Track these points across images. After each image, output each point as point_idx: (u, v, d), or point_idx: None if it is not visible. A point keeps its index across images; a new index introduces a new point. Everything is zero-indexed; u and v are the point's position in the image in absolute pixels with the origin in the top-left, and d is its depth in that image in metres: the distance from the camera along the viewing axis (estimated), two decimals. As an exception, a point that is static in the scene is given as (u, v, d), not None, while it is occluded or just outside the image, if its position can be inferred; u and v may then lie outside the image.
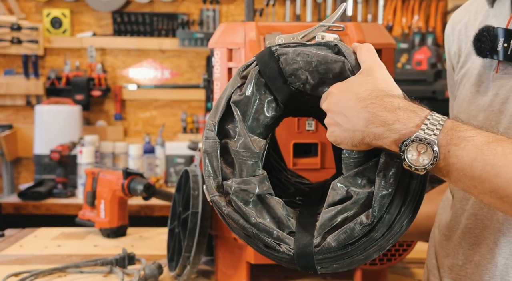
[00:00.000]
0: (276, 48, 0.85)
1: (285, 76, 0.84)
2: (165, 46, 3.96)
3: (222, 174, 0.84)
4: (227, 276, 1.37)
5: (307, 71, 0.83)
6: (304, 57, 0.83)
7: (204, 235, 1.28)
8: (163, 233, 1.56)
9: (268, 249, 0.82)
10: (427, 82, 3.20)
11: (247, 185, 0.82)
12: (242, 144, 0.83)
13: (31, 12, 3.99)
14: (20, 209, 2.94)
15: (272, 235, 0.81)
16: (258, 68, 0.85)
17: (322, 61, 0.82)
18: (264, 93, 0.85)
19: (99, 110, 3.99)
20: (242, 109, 0.84)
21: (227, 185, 0.83)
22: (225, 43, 1.30)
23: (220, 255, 1.37)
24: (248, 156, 0.83)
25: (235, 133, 0.84)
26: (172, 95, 4.02)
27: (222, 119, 0.85)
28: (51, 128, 3.36)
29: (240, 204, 0.82)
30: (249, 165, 0.83)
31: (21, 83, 3.84)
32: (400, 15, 4.06)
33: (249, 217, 0.81)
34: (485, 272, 0.92)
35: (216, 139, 0.84)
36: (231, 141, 0.84)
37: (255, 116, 0.85)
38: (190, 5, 4.02)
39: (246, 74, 0.86)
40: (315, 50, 0.83)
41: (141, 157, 3.24)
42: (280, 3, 4.02)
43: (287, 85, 0.85)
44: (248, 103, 0.85)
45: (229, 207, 0.83)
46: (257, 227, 0.81)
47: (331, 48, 0.83)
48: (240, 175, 0.83)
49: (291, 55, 0.84)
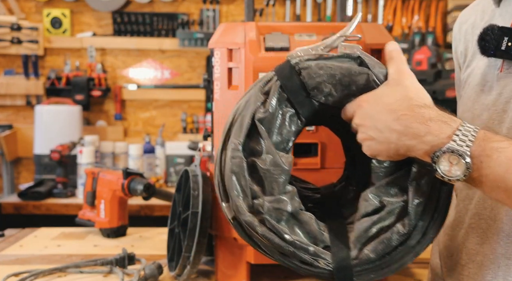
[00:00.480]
0: (296, 61, 0.85)
1: (308, 90, 0.83)
2: (165, 46, 3.96)
3: (251, 192, 0.82)
4: (227, 276, 1.37)
5: (331, 84, 0.82)
6: (327, 70, 0.82)
7: (204, 235, 1.28)
8: (163, 233, 1.56)
9: (305, 265, 0.81)
10: (427, 82, 3.20)
11: (279, 203, 0.82)
12: (271, 162, 0.82)
13: (31, 12, 3.99)
14: (20, 209, 2.94)
15: (309, 251, 0.81)
16: (279, 83, 0.84)
17: (346, 74, 0.81)
18: (286, 107, 0.85)
19: (99, 110, 3.99)
20: (266, 126, 0.84)
21: (258, 204, 0.82)
22: (225, 43, 1.30)
23: (220, 255, 1.37)
24: (279, 173, 0.82)
25: (261, 150, 0.83)
26: (172, 95, 4.02)
27: (247, 137, 0.84)
28: (51, 128, 3.36)
29: (273, 223, 0.81)
30: (280, 182, 0.82)
31: (21, 83, 3.84)
32: (400, 15, 4.06)
33: (284, 235, 0.80)
34: (487, 272, 0.92)
35: (243, 158, 0.83)
36: (259, 159, 0.83)
37: (279, 131, 0.85)
38: (190, 5, 4.02)
39: (267, 90, 0.85)
40: (338, 63, 0.83)
41: (141, 157, 3.24)
42: (280, 3, 4.02)
43: (309, 99, 0.84)
44: (272, 119, 0.84)
45: (263, 227, 0.81)
46: (293, 245, 0.80)
47: (354, 60, 0.84)
48: (271, 193, 0.82)
49: (314, 69, 0.83)
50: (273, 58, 1.24)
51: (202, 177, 1.32)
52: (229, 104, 1.31)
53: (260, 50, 1.27)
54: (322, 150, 1.29)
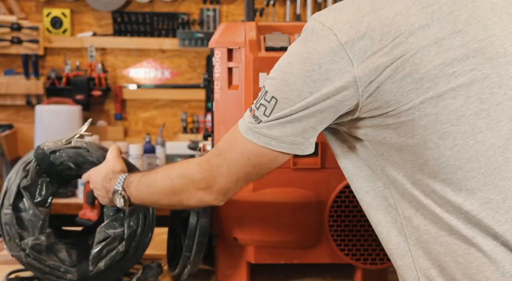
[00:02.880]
0: (48, 148, 1.33)
1: (56, 166, 1.33)
2: (165, 46, 3.96)
3: (19, 235, 1.28)
4: (227, 275, 1.37)
5: (70, 162, 1.33)
6: (67, 154, 1.33)
7: (204, 234, 1.28)
8: (163, 233, 1.56)
9: (60, 278, 1.30)
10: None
11: (39, 240, 1.28)
12: (32, 214, 1.30)
13: (31, 12, 3.99)
14: (20, 209, 2.93)
15: (60, 270, 1.30)
16: (36, 163, 1.32)
17: (79, 156, 1.33)
18: (44, 177, 1.33)
19: (99, 110, 3.99)
20: (29, 191, 1.31)
21: (24, 243, 1.28)
22: (225, 43, 1.30)
23: (220, 255, 1.37)
24: (37, 221, 1.29)
25: (25, 207, 1.30)
26: (172, 95, 4.02)
27: (15, 200, 1.29)
28: (51, 128, 3.36)
29: (36, 255, 1.28)
30: (38, 227, 1.29)
31: (21, 83, 3.84)
32: (400, 15, 4.06)
33: (43, 261, 1.29)
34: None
35: (12, 214, 1.29)
36: (24, 213, 1.30)
37: (40, 194, 1.32)
38: (190, 5, 4.02)
39: (28, 168, 1.32)
40: (74, 150, 1.33)
41: (142, 157, 3.24)
42: (280, 3, 4.02)
43: (58, 172, 1.33)
44: (33, 186, 1.32)
45: (28, 258, 1.28)
46: (50, 267, 1.29)
47: (83, 148, 1.34)
48: (33, 234, 1.29)
49: (58, 154, 1.33)
50: (273, 57, 1.24)
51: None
52: (229, 104, 1.31)
53: (260, 50, 1.27)
54: (322, 150, 1.29)
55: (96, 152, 1.32)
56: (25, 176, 1.31)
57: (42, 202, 1.32)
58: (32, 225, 1.29)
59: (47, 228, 1.30)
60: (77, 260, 1.31)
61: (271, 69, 0.93)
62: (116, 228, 1.30)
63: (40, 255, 1.28)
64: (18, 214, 1.29)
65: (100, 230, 1.30)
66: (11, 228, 1.28)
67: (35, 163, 1.32)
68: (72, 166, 1.33)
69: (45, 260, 1.28)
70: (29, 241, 1.27)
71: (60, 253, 1.31)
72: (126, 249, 1.30)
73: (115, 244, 1.29)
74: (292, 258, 1.35)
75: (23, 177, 1.31)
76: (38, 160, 1.32)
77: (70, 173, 1.35)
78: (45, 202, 1.33)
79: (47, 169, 1.32)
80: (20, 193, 1.30)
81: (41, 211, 1.30)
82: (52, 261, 1.29)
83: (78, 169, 1.33)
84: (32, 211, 1.29)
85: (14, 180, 1.32)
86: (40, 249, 1.28)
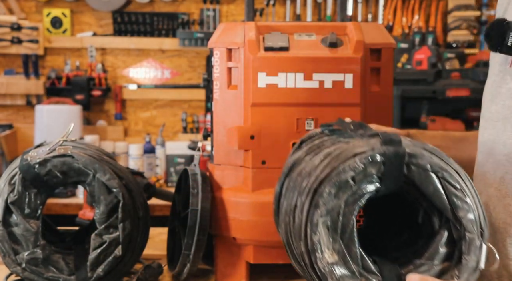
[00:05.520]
0: (32, 160, 1.27)
1: (42, 176, 1.27)
2: (165, 46, 3.96)
3: (13, 251, 1.26)
4: (226, 275, 1.37)
5: (56, 171, 1.28)
6: (53, 163, 1.28)
7: (203, 233, 1.29)
8: (163, 233, 1.56)
9: None
10: (427, 82, 3.19)
11: (34, 254, 1.26)
12: (23, 228, 1.26)
13: (31, 12, 3.99)
14: (20, 208, 2.93)
15: (60, 280, 1.28)
16: (21, 175, 1.27)
17: (64, 165, 1.28)
18: (31, 189, 1.28)
19: (99, 110, 4.00)
20: (18, 205, 1.27)
21: (20, 258, 1.26)
22: (224, 43, 1.30)
23: (219, 255, 1.37)
24: (30, 235, 1.26)
25: (15, 222, 1.27)
26: (172, 95, 4.02)
27: (4, 215, 1.26)
28: (51, 128, 3.36)
29: (33, 268, 1.27)
30: (32, 241, 1.26)
31: (21, 83, 3.84)
32: (400, 15, 4.06)
33: (41, 274, 1.27)
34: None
35: (3, 229, 1.26)
36: (15, 227, 1.27)
37: (30, 206, 1.28)
38: (190, 5, 4.02)
39: (14, 181, 1.28)
40: (59, 158, 1.28)
41: (141, 157, 3.24)
42: (280, 3, 4.02)
43: (44, 181, 1.28)
44: (21, 199, 1.27)
45: (26, 272, 1.27)
46: (48, 278, 1.27)
47: (67, 156, 1.29)
48: (28, 248, 1.26)
49: (43, 164, 1.27)
50: (272, 57, 1.25)
51: (201, 176, 1.32)
52: (229, 104, 1.31)
53: (259, 50, 1.27)
54: (321, 149, 1.29)
55: (82, 158, 1.29)
56: (12, 190, 1.27)
57: (33, 214, 1.29)
58: (25, 239, 1.27)
59: (41, 240, 1.28)
60: (75, 267, 1.30)
61: (270, 69, 0.93)
62: (111, 233, 1.28)
63: (37, 268, 1.27)
64: (10, 229, 1.27)
65: (95, 237, 1.29)
66: (4, 244, 1.27)
67: (20, 175, 1.28)
68: (59, 175, 1.29)
69: (42, 273, 1.27)
70: (24, 256, 1.26)
71: (57, 264, 1.30)
72: (123, 253, 1.29)
73: (112, 249, 1.28)
74: (292, 258, 1.35)
75: (10, 192, 1.27)
76: (23, 172, 1.27)
77: (57, 181, 1.32)
78: (36, 212, 1.30)
79: (33, 180, 1.28)
80: (9, 208, 1.27)
81: (32, 224, 1.28)
82: (51, 273, 1.28)
83: (64, 177, 1.30)
84: (23, 225, 1.26)
85: (0, 195, 1.29)
86: (36, 262, 1.27)
